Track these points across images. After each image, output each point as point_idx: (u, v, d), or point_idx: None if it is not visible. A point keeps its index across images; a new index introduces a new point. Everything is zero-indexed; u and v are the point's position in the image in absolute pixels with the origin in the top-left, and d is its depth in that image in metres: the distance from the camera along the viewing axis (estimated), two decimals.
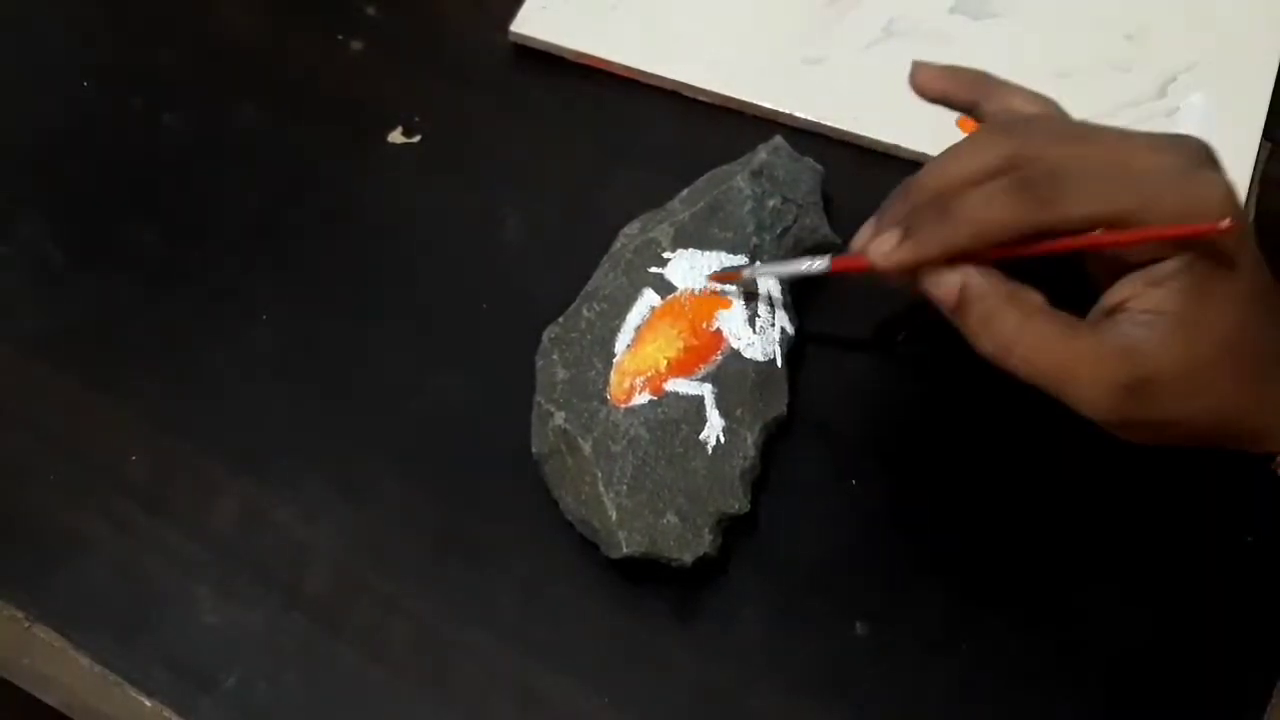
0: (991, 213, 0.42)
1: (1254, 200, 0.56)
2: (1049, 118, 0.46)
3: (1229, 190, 0.42)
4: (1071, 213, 0.42)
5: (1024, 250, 0.43)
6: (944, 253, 0.43)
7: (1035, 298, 0.43)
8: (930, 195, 0.44)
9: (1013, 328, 0.43)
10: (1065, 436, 0.51)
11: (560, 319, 0.53)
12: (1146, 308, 0.42)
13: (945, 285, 0.43)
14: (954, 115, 0.58)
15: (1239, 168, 0.56)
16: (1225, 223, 0.41)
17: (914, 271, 0.44)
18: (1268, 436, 0.45)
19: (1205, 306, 0.42)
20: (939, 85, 0.48)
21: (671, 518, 0.48)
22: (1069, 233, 0.42)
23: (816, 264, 0.49)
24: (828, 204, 0.56)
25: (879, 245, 0.44)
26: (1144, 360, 0.42)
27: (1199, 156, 0.43)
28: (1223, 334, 0.42)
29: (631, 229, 0.54)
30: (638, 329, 0.52)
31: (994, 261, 0.43)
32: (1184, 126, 0.57)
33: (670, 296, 0.52)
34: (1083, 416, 0.43)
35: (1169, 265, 0.42)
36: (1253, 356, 0.43)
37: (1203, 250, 0.42)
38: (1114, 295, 0.43)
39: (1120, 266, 0.43)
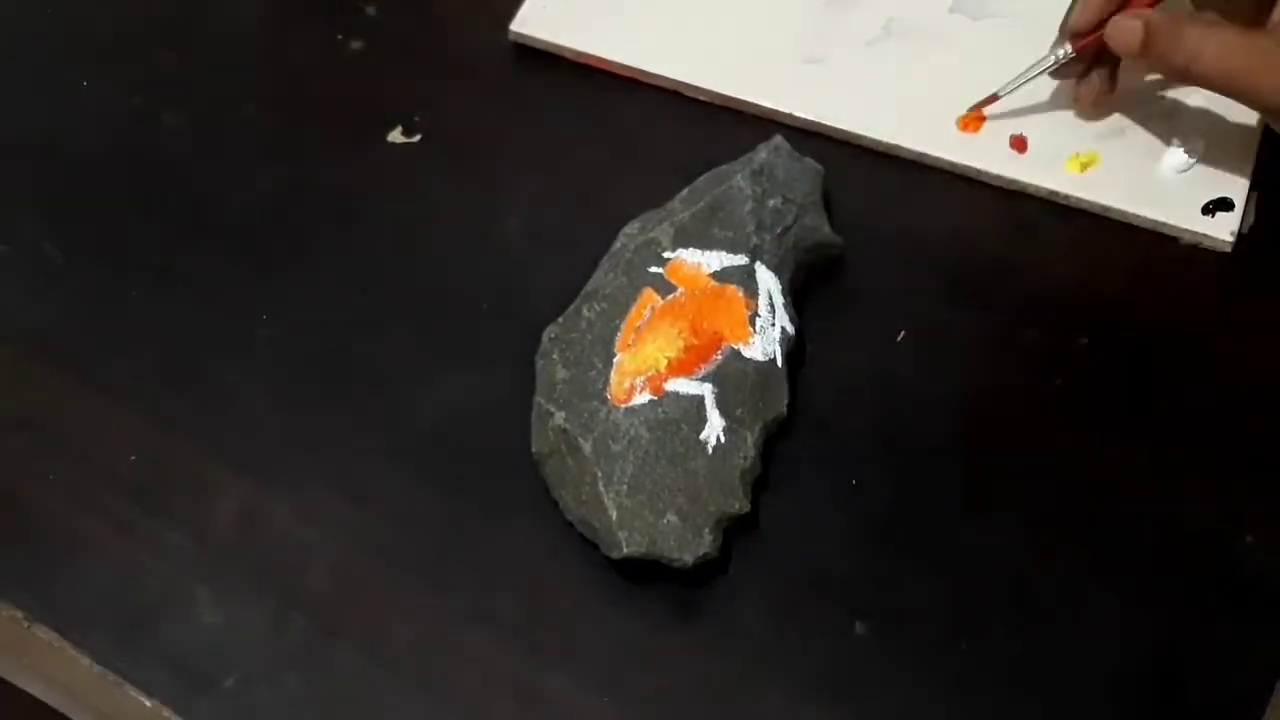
0: None
1: (1254, 200, 0.56)
2: None
3: None
4: None
5: None
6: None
7: (1211, 15, 0.52)
8: None
9: (1198, 37, 0.50)
10: (1066, 436, 0.51)
11: (560, 319, 0.53)
12: None
13: (1129, 28, 0.51)
14: (953, 115, 0.58)
15: (1239, 168, 0.56)
16: None
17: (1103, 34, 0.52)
18: None
19: None
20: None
21: (671, 518, 0.48)
22: None
23: (1055, 54, 0.55)
24: (828, 204, 0.56)
25: (1077, 15, 0.54)
26: None
27: None
28: None
29: (631, 229, 0.54)
30: (638, 329, 0.52)
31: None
32: (1184, 126, 0.57)
33: (670, 296, 0.52)
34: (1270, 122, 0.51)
35: None
36: None
37: None
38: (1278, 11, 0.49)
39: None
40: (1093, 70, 0.56)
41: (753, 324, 0.52)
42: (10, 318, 0.57)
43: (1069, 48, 0.55)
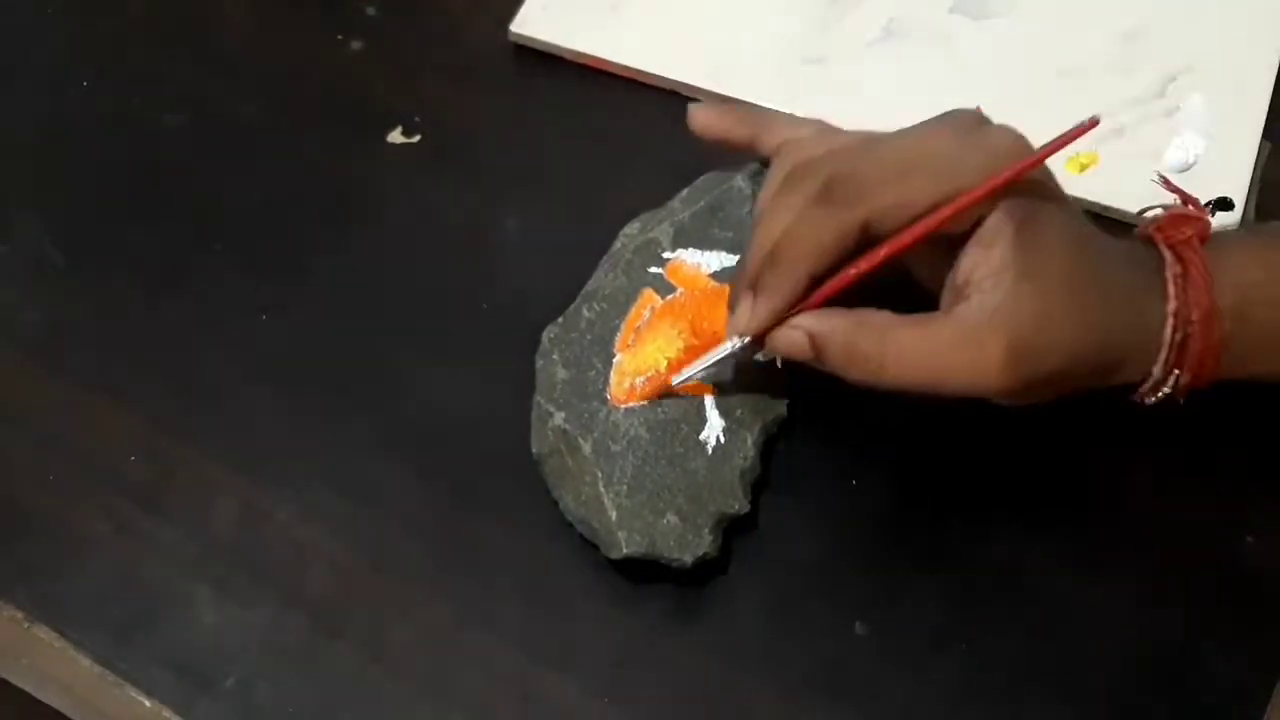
0: (812, 232, 0.44)
1: (1254, 200, 0.56)
2: (827, 130, 0.48)
3: (1017, 134, 0.44)
4: (880, 201, 0.44)
5: (854, 275, 0.44)
6: (789, 295, 0.45)
7: (882, 314, 0.44)
8: (764, 254, 0.45)
9: (874, 348, 0.44)
10: (1066, 436, 0.51)
11: (560, 319, 0.53)
12: (989, 271, 0.43)
13: (794, 340, 0.45)
14: None
15: (1239, 168, 0.56)
16: (1022, 162, 0.43)
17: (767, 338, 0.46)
18: (1125, 364, 0.45)
19: (1039, 253, 0.43)
20: (717, 126, 0.51)
21: (671, 518, 0.48)
22: (885, 233, 0.44)
23: (730, 344, 0.47)
24: None
25: (738, 321, 0.46)
26: (1009, 320, 0.43)
27: (973, 119, 0.45)
28: (1062, 275, 0.43)
29: (631, 229, 0.54)
30: (638, 330, 0.52)
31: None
32: (1184, 126, 0.57)
33: (670, 297, 0.52)
34: (989, 402, 0.44)
35: (991, 222, 0.43)
36: (1094, 291, 0.44)
37: (1017, 198, 0.43)
38: (958, 276, 0.44)
39: (946, 259, 0.45)
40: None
41: None
42: (10, 318, 0.57)
43: (740, 340, 0.47)
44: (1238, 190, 0.56)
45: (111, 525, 0.52)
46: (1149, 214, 0.47)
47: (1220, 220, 0.55)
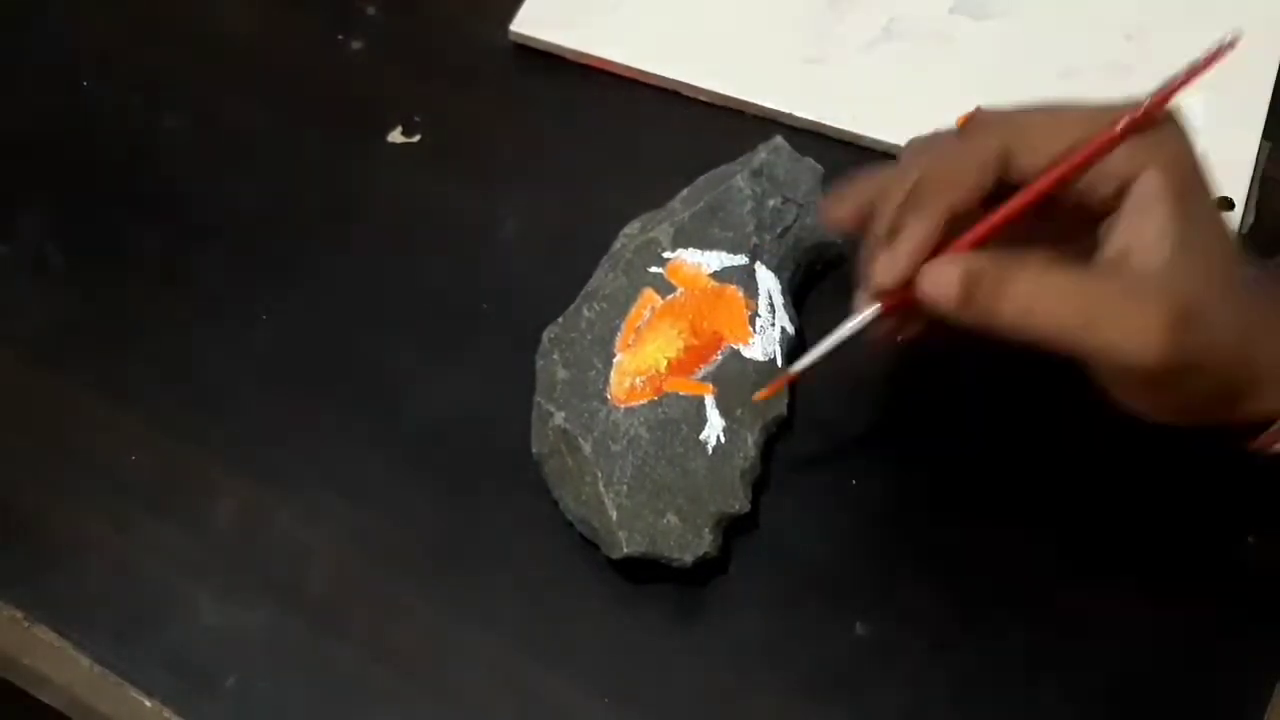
0: (950, 164, 0.41)
1: (1254, 200, 0.56)
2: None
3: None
4: (1022, 129, 0.42)
5: (1002, 218, 0.41)
6: (930, 235, 0.41)
7: (1041, 254, 0.40)
8: (900, 201, 0.42)
9: (1029, 286, 0.40)
10: (1066, 436, 0.51)
11: (560, 319, 0.53)
12: (1149, 238, 0.40)
13: (945, 278, 0.40)
14: (953, 115, 0.58)
15: (1239, 168, 0.56)
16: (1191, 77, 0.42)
17: (915, 287, 0.42)
18: (1264, 387, 0.42)
19: (1199, 224, 0.41)
20: (846, 210, 0.46)
21: (672, 518, 0.48)
22: (1027, 173, 0.41)
23: (862, 316, 0.45)
24: None
25: (880, 269, 0.42)
26: (1176, 285, 0.39)
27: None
28: (1223, 254, 0.41)
29: (631, 229, 0.54)
30: (638, 329, 0.52)
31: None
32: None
33: (670, 296, 0.52)
34: (1110, 380, 0.41)
35: (1146, 183, 0.40)
36: (1246, 286, 0.42)
37: (1173, 160, 0.41)
38: (1113, 245, 0.41)
39: (1091, 217, 0.42)
40: (913, 323, 0.46)
41: (753, 324, 0.52)
42: (10, 318, 0.57)
43: (875, 306, 0.44)
44: (1238, 190, 0.56)
45: (111, 525, 0.52)
46: None
47: None
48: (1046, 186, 0.41)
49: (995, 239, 0.42)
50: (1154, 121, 0.41)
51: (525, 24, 0.62)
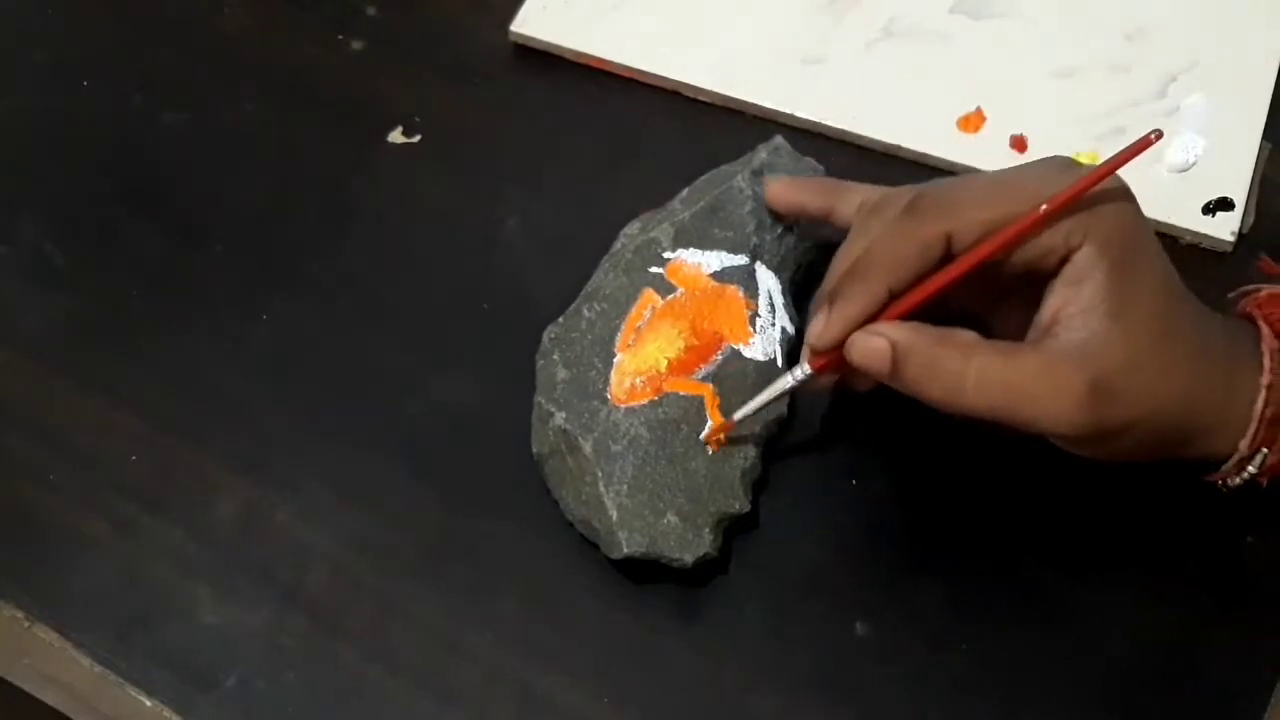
0: (894, 243, 0.44)
1: (1254, 200, 0.56)
2: (908, 188, 0.47)
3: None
4: (966, 215, 0.43)
5: (935, 287, 0.43)
6: (867, 305, 0.44)
7: (968, 334, 0.43)
8: (844, 270, 0.45)
9: (957, 367, 0.42)
10: None
11: (560, 319, 0.53)
12: (1078, 308, 0.42)
13: (874, 349, 0.43)
14: (953, 115, 0.58)
15: (1239, 168, 0.56)
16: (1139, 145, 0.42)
17: (844, 354, 0.44)
18: (1209, 433, 0.44)
19: (1131, 293, 0.42)
20: (791, 198, 0.51)
21: (672, 518, 0.48)
22: (963, 249, 0.43)
23: (793, 375, 0.47)
24: None
25: (813, 331, 0.45)
26: (1095, 358, 0.42)
27: (1066, 161, 0.44)
28: (1153, 320, 0.42)
29: (631, 229, 0.54)
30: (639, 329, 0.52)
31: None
32: (1184, 126, 0.57)
33: (671, 296, 0.52)
34: (1051, 440, 0.43)
35: (1082, 258, 0.42)
36: (1184, 344, 0.43)
37: (1111, 235, 0.42)
38: (1044, 313, 0.43)
39: (1021, 305, 0.44)
40: (862, 378, 0.47)
41: (753, 324, 0.52)
42: (10, 318, 0.57)
43: (806, 367, 0.46)
44: (1238, 190, 0.56)
45: (111, 525, 0.52)
46: (1245, 291, 0.47)
47: (1220, 220, 0.55)
48: (974, 262, 0.43)
49: (929, 306, 0.44)
50: (1099, 194, 0.43)
51: (525, 24, 0.62)
